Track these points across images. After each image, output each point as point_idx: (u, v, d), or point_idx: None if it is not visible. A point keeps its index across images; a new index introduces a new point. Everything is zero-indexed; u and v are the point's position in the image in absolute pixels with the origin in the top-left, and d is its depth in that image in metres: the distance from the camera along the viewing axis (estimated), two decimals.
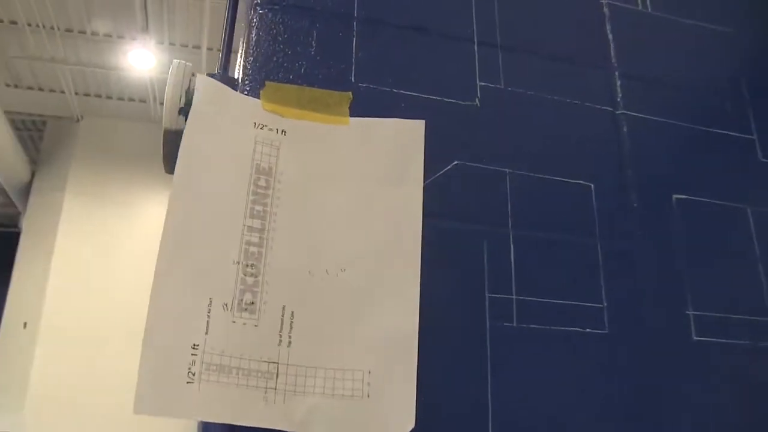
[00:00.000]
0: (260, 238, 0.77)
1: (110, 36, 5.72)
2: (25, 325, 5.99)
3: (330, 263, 0.78)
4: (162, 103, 0.94)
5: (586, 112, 0.99)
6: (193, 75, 1.02)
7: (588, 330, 0.86)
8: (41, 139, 7.16)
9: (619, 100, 1.01)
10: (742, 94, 1.10)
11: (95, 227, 6.36)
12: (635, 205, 0.95)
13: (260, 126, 0.82)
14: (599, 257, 0.90)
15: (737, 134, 1.07)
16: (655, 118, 1.02)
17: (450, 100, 0.93)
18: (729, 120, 1.07)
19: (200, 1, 5.08)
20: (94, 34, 5.69)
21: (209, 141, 0.79)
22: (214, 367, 0.70)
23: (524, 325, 0.84)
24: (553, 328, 0.85)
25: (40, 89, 6.45)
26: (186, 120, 0.80)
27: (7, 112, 6.03)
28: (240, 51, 0.91)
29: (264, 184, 0.79)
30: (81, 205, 6.51)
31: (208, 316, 0.72)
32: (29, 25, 5.41)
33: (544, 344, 0.84)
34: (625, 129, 1.00)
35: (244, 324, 0.73)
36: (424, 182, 0.84)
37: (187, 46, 5.78)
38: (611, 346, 0.86)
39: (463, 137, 0.91)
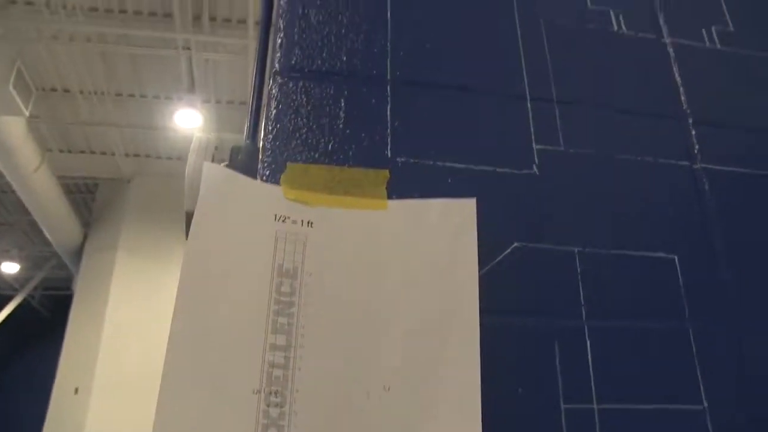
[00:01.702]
0: (285, 357, 0.65)
1: (158, 97, 5.85)
2: (76, 390, 5.94)
3: (372, 383, 0.66)
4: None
5: (659, 170, 0.88)
6: (215, 149, 0.92)
7: None
8: (93, 201, 7.34)
9: (696, 152, 0.90)
10: None
11: (147, 286, 6.33)
12: (728, 277, 0.83)
13: (282, 219, 0.71)
14: (692, 346, 0.77)
15: None
16: (739, 170, 0.91)
17: (503, 169, 0.82)
18: None
19: (243, 58, 5.11)
20: (142, 96, 5.84)
21: (219, 241, 0.69)
22: None
23: None
24: None
25: (92, 152, 6.63)
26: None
27: (60, 177, 6.20)
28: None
29: (288, 290, 0.68)
30: (133, 264, 6.52)
31: None
32: (81, 92, 5.60)
33: None
34: (706, 186, 0.88)
35: None
36: (479, 272, 0.73)
37: (233, 102, 5.85)
38: None
39: (522, 213, 0.80)
